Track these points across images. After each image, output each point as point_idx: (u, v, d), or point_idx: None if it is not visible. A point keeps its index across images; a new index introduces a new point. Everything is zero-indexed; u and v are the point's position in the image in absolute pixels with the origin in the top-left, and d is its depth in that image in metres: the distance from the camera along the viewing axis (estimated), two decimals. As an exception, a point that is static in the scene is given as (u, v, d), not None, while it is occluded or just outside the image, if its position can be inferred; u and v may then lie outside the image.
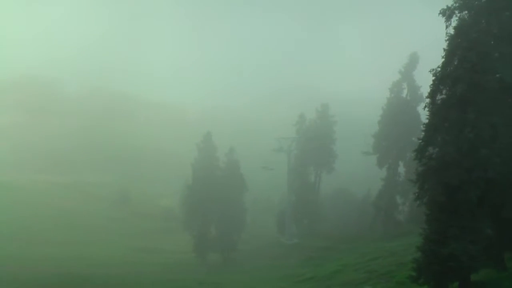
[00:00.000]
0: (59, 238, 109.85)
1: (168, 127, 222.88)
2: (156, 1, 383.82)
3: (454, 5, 43.94)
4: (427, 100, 44.47)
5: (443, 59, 43.52)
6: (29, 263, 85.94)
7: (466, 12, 43.83)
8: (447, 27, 43.92)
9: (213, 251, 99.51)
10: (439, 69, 43.50)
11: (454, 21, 43.80)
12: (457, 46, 42.62)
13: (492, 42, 43.61)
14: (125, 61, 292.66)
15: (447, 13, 44.03)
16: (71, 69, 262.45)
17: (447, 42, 43.55)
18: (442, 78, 43.08)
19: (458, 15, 43.91)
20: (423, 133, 44.52)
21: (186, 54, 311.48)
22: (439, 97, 43.52)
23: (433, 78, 43.66)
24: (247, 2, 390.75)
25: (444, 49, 43.52)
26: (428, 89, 44.28)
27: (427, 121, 44.25)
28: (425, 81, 53.39)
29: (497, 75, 42.50)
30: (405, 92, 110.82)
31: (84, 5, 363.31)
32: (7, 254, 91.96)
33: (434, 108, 43.57)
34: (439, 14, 44.32)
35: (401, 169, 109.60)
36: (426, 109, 44.36)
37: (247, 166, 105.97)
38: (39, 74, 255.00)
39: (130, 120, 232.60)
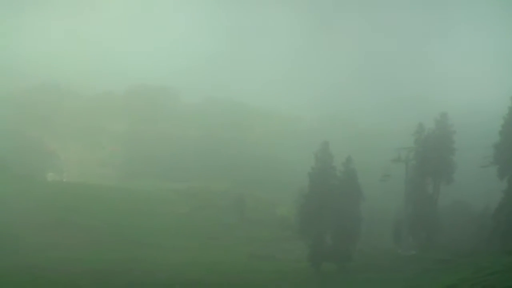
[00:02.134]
0: (177, 243, 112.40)
1: (283, 136, 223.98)
2: (270, 12, 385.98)
3: None
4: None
5: None
6: (153, 267, 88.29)
7: None
8: None
9: (328, 260, 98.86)
10: None
11: None
12: None
13: None
14: (241, 71, 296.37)
15: None
16: (188, 79, 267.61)
17: None
18: None
19: None
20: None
21: (301, 63, 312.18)
22: None
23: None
24: (359, 9, 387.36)
25: None
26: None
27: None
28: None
29: None
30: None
31: (201, 19, 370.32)
32: (132, 258, 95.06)
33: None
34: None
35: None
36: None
37: (363, 175, 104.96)
38: (157, 84, 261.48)
39: (246, 129, 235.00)
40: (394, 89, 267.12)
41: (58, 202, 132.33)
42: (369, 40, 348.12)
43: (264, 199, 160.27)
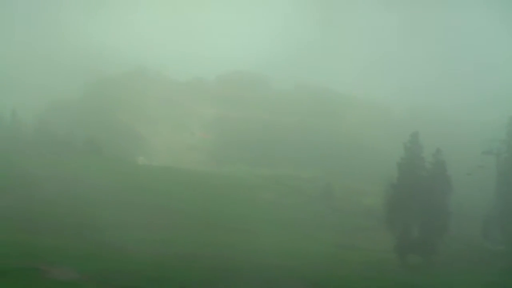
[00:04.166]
0: (263, 229, 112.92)
1: (373, 125, 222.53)
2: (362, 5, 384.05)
3: None
4: None
5: None
6: (237, 253, 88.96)
7: None
8: None
9: (414, 252, 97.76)
10: None
11: None
12: None
13: None
14: (332, 59, 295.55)
15: None
16: (280, 67, 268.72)
17: None
18: None
19: None
20: None
21: (394, 53, 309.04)
22: None
23: None
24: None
25: None
26: None
27: None
28: None
29: None
30: None
31: (295, 7, 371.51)
32: (217, 243, 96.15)
33: None
34: None
35: None
36: None
37: (452, 167, 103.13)
38: (248, 71, 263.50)
39: (335, 117, 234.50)
40: (485, 82, 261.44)
41: (147, 185, 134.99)
42: (457, 36, 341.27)
43: (351, 188, 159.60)
